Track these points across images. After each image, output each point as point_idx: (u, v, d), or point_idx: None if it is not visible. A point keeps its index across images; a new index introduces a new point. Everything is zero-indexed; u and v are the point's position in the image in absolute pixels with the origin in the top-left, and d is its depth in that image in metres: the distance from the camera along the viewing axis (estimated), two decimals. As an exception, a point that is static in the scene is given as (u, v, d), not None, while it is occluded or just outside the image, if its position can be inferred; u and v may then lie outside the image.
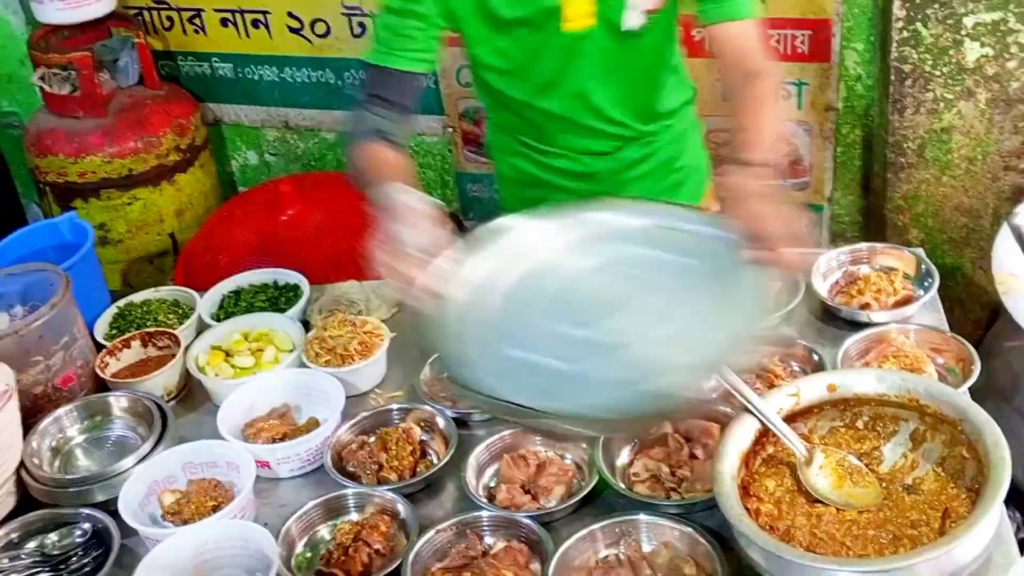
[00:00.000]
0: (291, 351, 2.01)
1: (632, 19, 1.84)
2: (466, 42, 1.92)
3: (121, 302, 2.22)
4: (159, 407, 1.91)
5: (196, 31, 3.12)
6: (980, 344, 2.11)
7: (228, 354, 2.04)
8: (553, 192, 2.09)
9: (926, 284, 1.93)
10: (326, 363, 1.97)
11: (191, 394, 2.03)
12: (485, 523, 1.63)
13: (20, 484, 1.82)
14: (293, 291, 2.20)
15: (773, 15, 2.50)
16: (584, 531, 1.56)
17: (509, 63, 1.93)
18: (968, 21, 2.23)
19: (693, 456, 1.66)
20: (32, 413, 1.91)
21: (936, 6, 2.23)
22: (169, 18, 3.13)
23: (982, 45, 2.23)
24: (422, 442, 1.82)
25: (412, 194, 1.64)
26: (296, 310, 2.12)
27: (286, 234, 2.77)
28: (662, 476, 1.65)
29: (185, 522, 1.71)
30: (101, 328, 2.17)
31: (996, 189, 2.33)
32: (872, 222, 2.54)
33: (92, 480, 1.80)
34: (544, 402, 1.34)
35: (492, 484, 1.72)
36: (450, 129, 2.99)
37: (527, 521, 1.60)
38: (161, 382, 1.99)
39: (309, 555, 1.67)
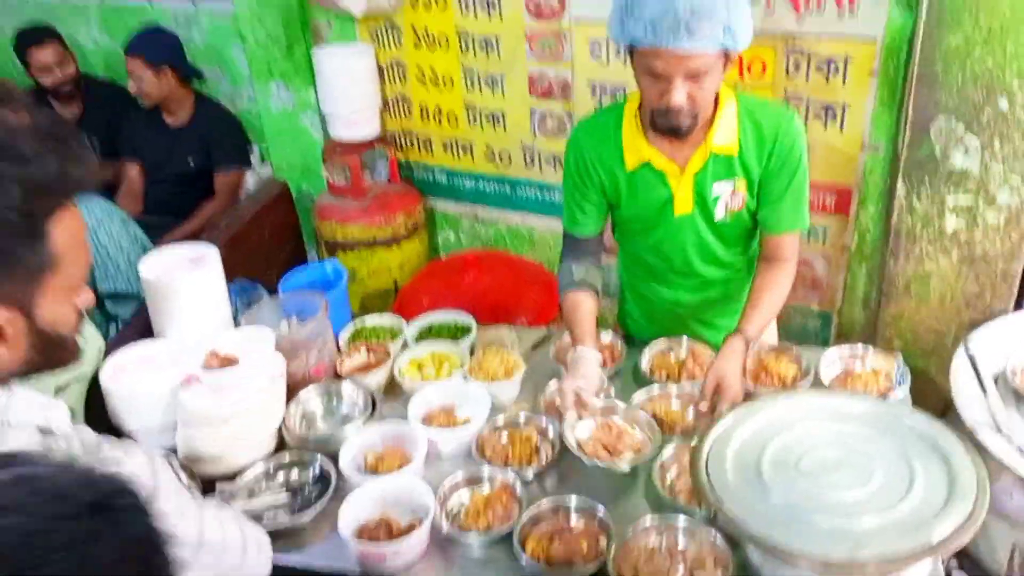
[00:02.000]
0: (461, 368, 2.03)
1: (719, 214, 1.85)
2: (614, 211, 1.94)
3: (357, 322, 2.28)
4: (372, 397, 1.95)
5: (427, 151, 3.21)
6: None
7: (420, 366, 2.07)
8: (652, 306, 2.11)
9: (902, 380, 1.84)
10: (481, 379, 1.99)
11: (394, 390, 2.06)
12: (572, 506, 1.61)
13: (280, 435, 1.88)
14: (466, 329, 2.22)
15: (811, 179, 2.43)
16: (640, 523, 1.52)
17: (639, 227, 1.94)
18: (949, 201, 2.13)
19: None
20: (294, 390, 1.97)
21: (927, 187, 2.13)
22: (411, 141, 3.22)
23: (957, 218, 2.13)
24: (536, 443, 1.81)
25: (590, 354, 1.81)
26: (467, 342, 2.15)
27: (466, 288, 2.82)
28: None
29: (379, 474, 1.73)
30: (343, 337, 2.22)
31: (959, 320, 2.22)
32: (868, 330, 2.42)
33: (324, 439, 1.85)
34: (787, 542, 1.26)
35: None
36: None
37: (601, 509, 1.58)
38: (375, 379, 2.04)
39: (455, 509, 1.67)
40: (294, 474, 1.80)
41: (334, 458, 1.77)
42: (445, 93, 3.02)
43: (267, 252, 2.81)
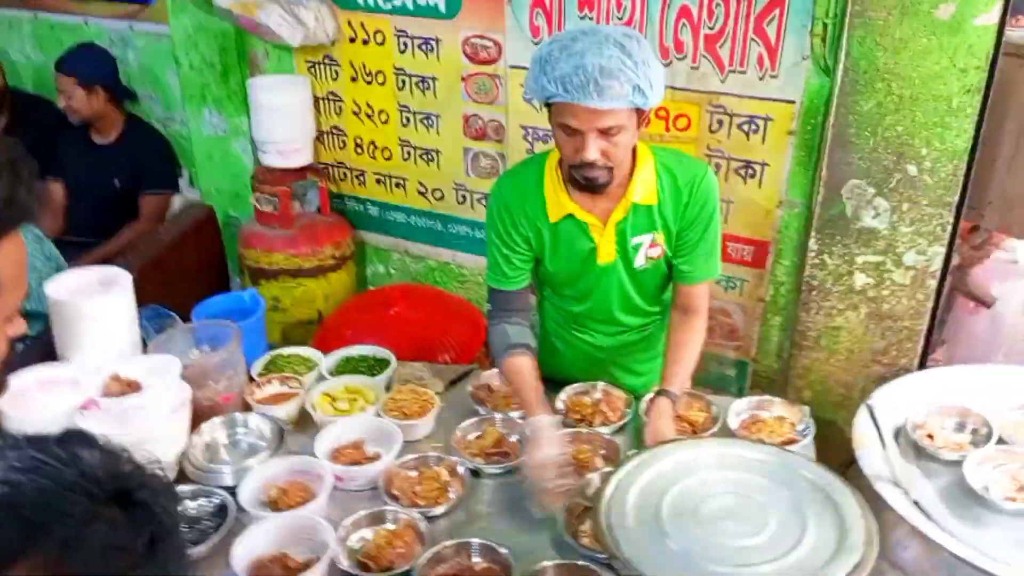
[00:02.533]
0: (374, 404, 2.00)
1: (639, 262, 1.88)
2: (539, 263, 1.96)
3: (273, 352, 2.24)
4: (280, 428, 1.91)
5: (360, 184, 3.20)
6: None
7: (334, 399, 2.04)
8: (574, 352, 2.12)
9: (806, 433, 1.89)
10: (394, 416, 1.96)
11: (305, 423, 2.02)
12: (475, 546, 1.59)
13: (180, 465, 1.82)
14: (385, 363, 2.20)
15: (730, 232, 2.49)
16: (540, 566, 1.51)
17: (563, 278, 1.97)
18: (859, 259, 2.20)
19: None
20: (204, 418, 1.92)
21: (839, 245, 2.20)
22: (344, 174, 3.21)
23: (866, 276, 2.20)
24: (445, 482, 1.79)
25: (545, 421, 1.76)
26: (383, 377, 2.12)
27: (390, 322, 2.78)
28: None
29: (280, 509, 1.69)
30: (257, 367, 2.18)
31: (866, 374, 2.28)
32: (781, 380, 2.47)
33: (225, 471, 1.80)
34: None
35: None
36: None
37: (503, 551, 1.56)
38: (285, 411, 2.00)
39: (357, 547, 1.63)
40: (192, 506, 1.74)
41: (235, 492, 1.72)
42: (380, 128, 3.03)
43: (187, 278, 2.75)
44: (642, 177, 1.79)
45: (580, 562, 1.52)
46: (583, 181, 1.72)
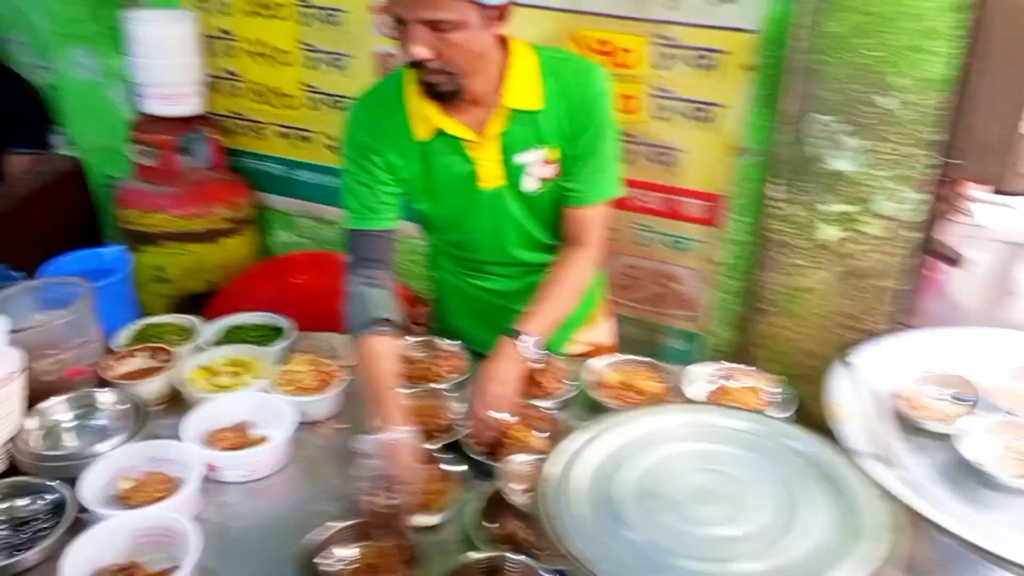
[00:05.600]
0: (265, 377, 1.67)
1: (529, 184, 1.60)
2: (410, 198, 1.65)
3: (142, 322, 1.88)
4: (141, 409, 1.56)
5: (259, 138, 2.83)
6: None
7: (213, 373, 1.70)
8: (467, 298, 1.83)
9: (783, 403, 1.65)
10: (287, 392, 1.63)
11: (177, 404, 1.67)
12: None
13: (9, 454, 1.46)
14: (279, 332, 1.86)
15: (681, 185, 2.23)
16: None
17: (444, 216, 1.68)
18: (825, 208, 1.95)
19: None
20: (42, 397, 1.56)
21: (802, 193, 1.96)
22: (240, 126, 2.84)
23: (835, 227, 1.96)
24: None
25: (405, 435, 1.41)
26: (277, 348, 1.79)
27: (295, 293, 2.44)
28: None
29: (132, 506, 1.35)
30: (122, 339, 1.82)
31: (835, 341, 2.05)
32: (740, 353, 2.22)
33: (66, 460, 1.44)
34: None
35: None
36: (433, 237, 2.69)
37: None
38: (152, 388, 1.67)
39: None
40: (22, 504, 1.38)
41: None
42: (281, 71, 2.68)
43: (45, 241, 2.33)
44: (518, 78, 1.53)
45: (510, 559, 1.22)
46: (424, 89, 1.47)
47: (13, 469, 1.46)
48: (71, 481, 1.39)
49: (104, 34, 2.74)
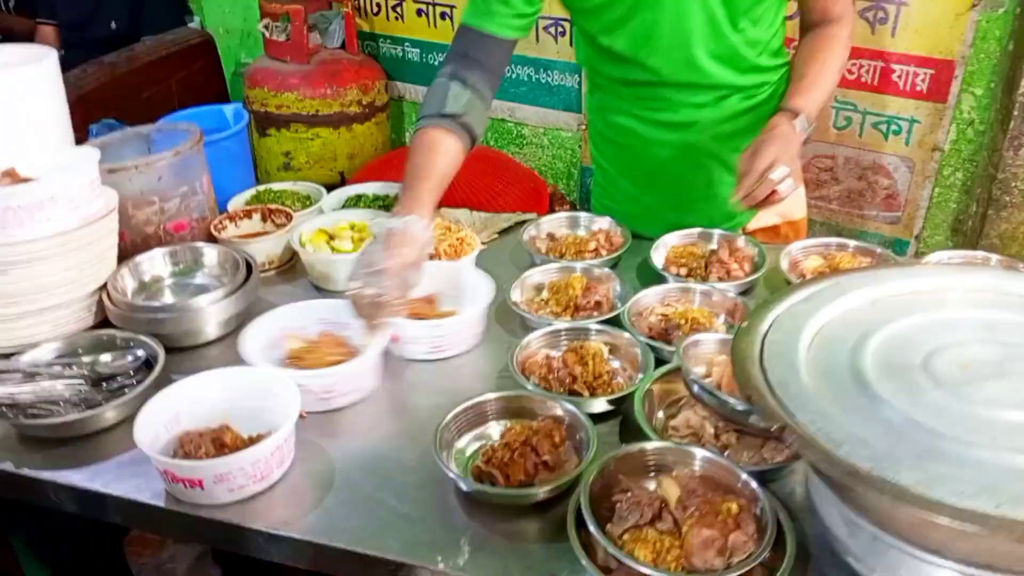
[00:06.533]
0: (387, 243, 1.41)
1: None
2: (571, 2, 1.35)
3: (260, 187, 1.67)
4: (249, 266, 1.33)
5: (397, 18, 2.58)
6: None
7: (332, 237, 1.46)
8: (650, 146, 1.48)
9: None
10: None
11: (294, 269, 1.45)
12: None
13: (100, 306, 1.26)
14: (408, 202, 1.60)
15: (898, 50, 1.80)
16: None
17: (614, 15, 1.34)
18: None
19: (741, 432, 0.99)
20: (141, 250, 1.36)
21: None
22: (378, 5, 2.60)
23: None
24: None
25: (419, 224, 1.21)
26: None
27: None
28: (704, 436, 0.99)
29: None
30: (237, 202, 1.61)
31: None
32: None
33: (161, 310, 1.23)
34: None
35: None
36: (583, 126, 2.37)
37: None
38: (264, 248, 1.44)
39: (470, 452, 1.03)
40: (106, 360, 1.18)
41: (164, 339, 1.17)
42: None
43: (166, 106, 2.17)
44: None
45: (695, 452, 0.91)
46: None
47: (105, 324, 1.27)
48: (162, 338, 1.19)
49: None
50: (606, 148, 1.59)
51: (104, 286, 1.27)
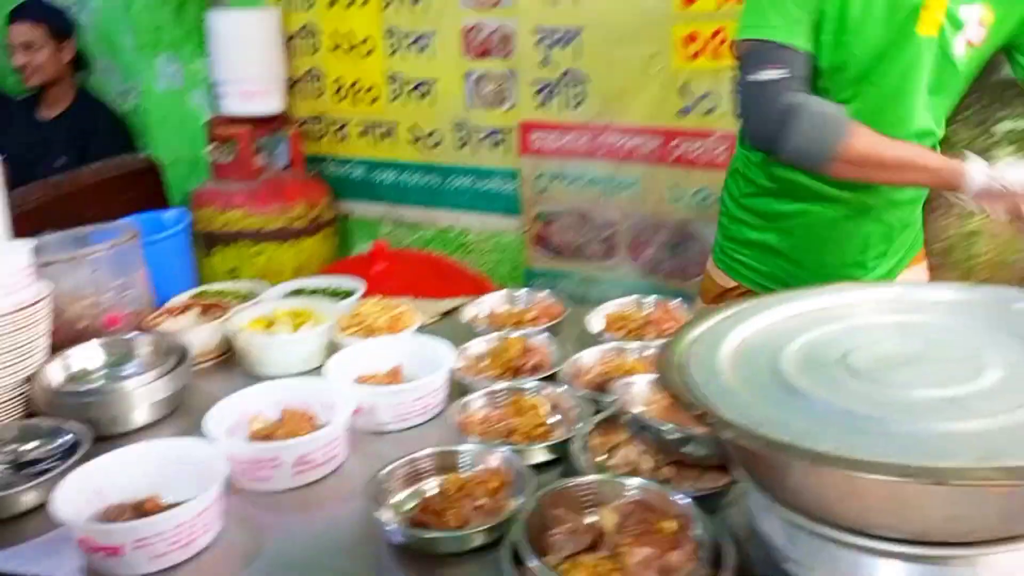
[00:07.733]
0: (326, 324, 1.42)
1: (958, 47, 1.34)
2: (814, 41, 1.34)
3: (201, 288, 1.67)
4: (182, 349, 1.32)
5: (341, 139, 2.69)
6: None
7: (270, 323, 1.46)
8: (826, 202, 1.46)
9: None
10: (352, 335, 1.37)
11: (230, 361, 1.44)
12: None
13: (26, 398, 1.24)
14: (350, 293, 1.62)
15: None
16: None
17: (862, 61, 1.34)
18: (999, 128, 1.61)
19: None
20: (73, 344, 1.34)
21: (968, 112, 1.62)
22: (323, 129, 2.72)
23: (1016, 150, 1.60)
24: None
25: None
26: (347, 303, 1.54)
27: (372, 283, 2.19)
28: (642, 470, 0.98)
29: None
30: (174, 301, 1.60)
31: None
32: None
33: (87, 395, 1.21)
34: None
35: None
36: (524, 230, 2.44)
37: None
38: (198, 338, 1.42)
39: (407, 507, 1.00)
40: (32, 447, 1.15)
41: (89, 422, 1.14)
42: (364, 63, 2.55)
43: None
44: None
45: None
46: None
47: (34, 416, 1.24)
48: (93, 425, 1.16)
49: (187, 37, 2.70)
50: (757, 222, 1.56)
51: (30, 377, 1.24)
